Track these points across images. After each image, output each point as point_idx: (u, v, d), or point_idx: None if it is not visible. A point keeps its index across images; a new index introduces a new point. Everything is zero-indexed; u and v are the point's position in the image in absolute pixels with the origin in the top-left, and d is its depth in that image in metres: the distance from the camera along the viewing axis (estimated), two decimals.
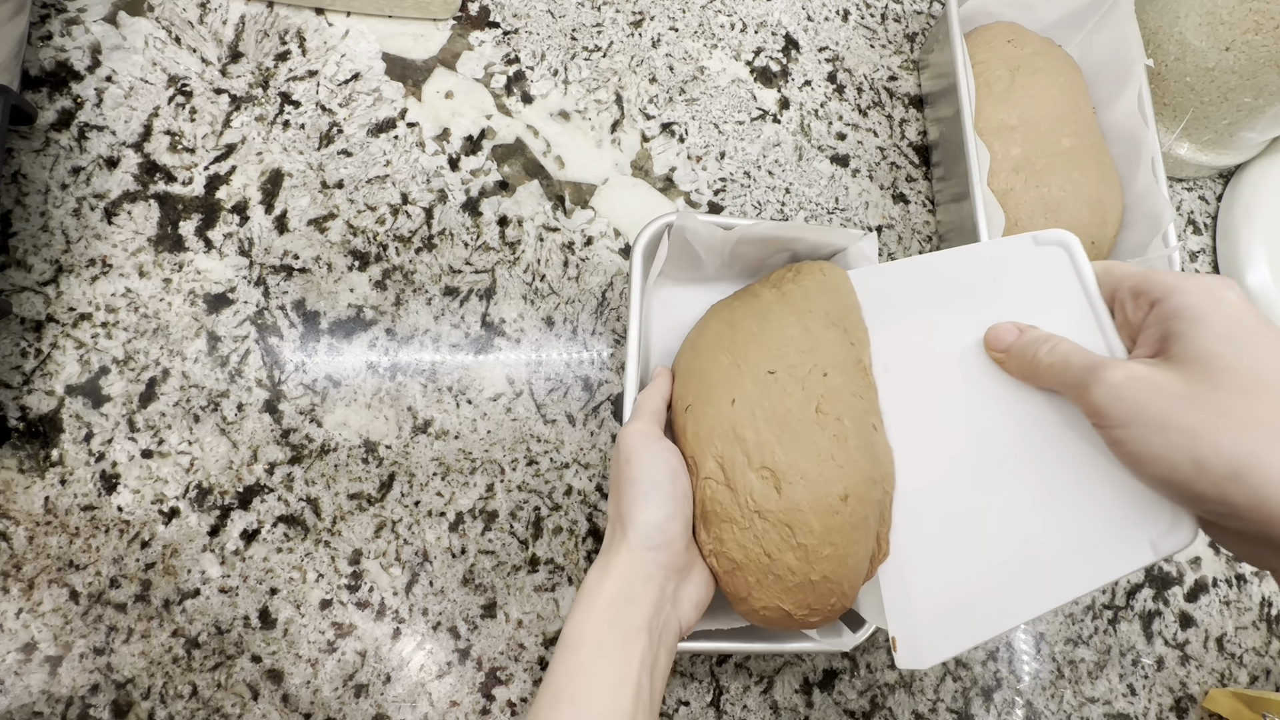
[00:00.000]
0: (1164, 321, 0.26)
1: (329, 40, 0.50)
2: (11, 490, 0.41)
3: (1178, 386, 0.24)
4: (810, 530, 0.34)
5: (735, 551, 0.35)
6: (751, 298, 0.41)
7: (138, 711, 0.40)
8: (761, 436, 0.35)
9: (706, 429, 0.36)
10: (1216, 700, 0.52)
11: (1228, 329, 0.24)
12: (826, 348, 0.37)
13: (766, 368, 0.36)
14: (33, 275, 0.43)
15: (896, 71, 0.60)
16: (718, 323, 0.40)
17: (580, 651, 0.30)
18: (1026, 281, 0.33)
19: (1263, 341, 0.24)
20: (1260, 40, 0.51)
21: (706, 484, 0.35)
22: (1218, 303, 0.25)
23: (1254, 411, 0.23)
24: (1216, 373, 0.24)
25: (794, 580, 0.34)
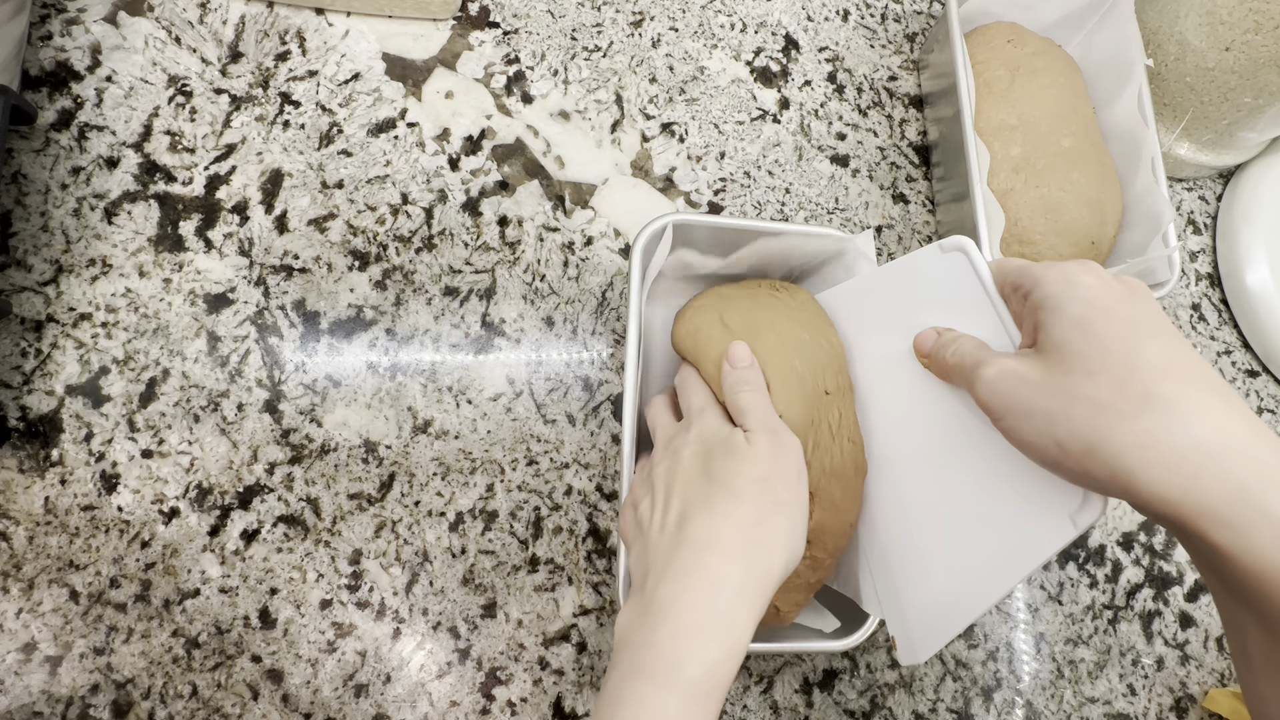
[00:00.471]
0: (1033, 313, 0.27)
1: (329, 40, 0.50)
2: (11, 490, 0.41)
3: (1038, 375, 0.26)
4: (825, 547, 0.36)
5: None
6: (773, 300, 0.40)
7: (138, 711, 0.40)
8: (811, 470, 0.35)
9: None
10: (1216, 700, 0.52)
11: (1079, 314, 0.25)
12: (830, 365, 0.38)
13: (822, 388, 0.37)
14: (33, 275, 0.43)
15: (896, 71, 0.60)
16: (738, 314, 0.39)
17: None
18: (941, 288, 0.35)
19: (1111, 322, 0.25)
20: (1260, 40, 0.51)
21: None
22: (1072, 288, 0.26)
23: (1099, 392, 0.24)
24: (1068, 358, 0.25)
25: (797, 583, 0.37)
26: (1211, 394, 0.23)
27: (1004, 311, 0.32)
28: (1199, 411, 0.23)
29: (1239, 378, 0.61)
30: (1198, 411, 0.23)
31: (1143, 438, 0.23)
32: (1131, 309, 0.25)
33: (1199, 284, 0.62)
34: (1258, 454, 0.22)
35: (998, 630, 0.51)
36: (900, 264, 0.37)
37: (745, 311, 0.38)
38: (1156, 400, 0.23)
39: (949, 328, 0.33)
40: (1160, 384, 0.23)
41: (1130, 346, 0.24)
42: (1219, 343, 0.61)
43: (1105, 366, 0.24)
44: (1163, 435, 0.23)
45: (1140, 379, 0.23)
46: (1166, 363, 0.24)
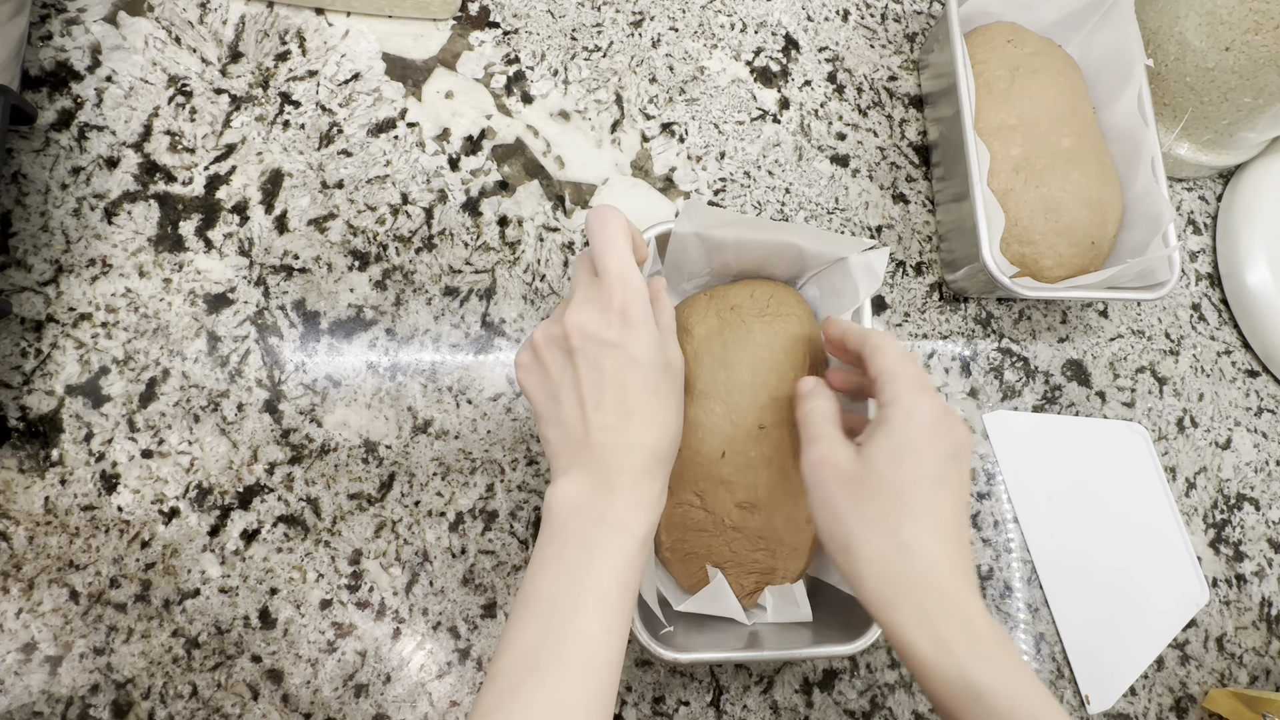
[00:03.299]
0: (879, 408, 0.34)
1: (329, 40, 0.50)
2: (11, 490, 0.41)
3: (843, 477, 0.33)
4: (780, 540, 0.41)
5: (700, 548, 0.42)
6: (745, 332, 0.41)
7: (138, 711, 0.40)
8: (745, 479, 0.40)
9: (692, 471, 0.40)
10: (1216, 700, 0.52)
11: (897, 448, 0.32)
12: None
13: (758, 422, 0.40)
14: (33, 275, 0.43)
15: (896, 71, 0.60)
16: (711, 361, 0.40)
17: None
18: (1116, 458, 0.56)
19: (912, 464, 0.31)
20: (1260, 40, 0.51)
21: (681, 509, 0.41)
22: (909, 421, 0.32)
23: (869, 512, 0.32)
24: (870, 477, 0.32)
25: (757, 567, 0.42)
26: (941, 543, 0.31)
27: (1171, 502, 0.53)
28: (919, 553, 0.30)
29: (1239, 378, 0.61)
30: (921, 553, 0.30)
31: (876, 560, 0.31)
32: (933, 456, 0.32)
33: (1199, 284, 0.62)
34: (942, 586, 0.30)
35: None
36: (1083, 424, 0.55)
37: (710, 330, 0.41)
38: (898, 536, 0.31)
39: (819, 381, 0.38)
40: (907, 526, 0.31)
41: (909, 489, 0.31)
42: (1219, 343, 0.61)
43: (883, 495, 0.31)
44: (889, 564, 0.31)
45: (897, 517, 0.31)
46: (925, 510, 0.31)
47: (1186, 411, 0.59)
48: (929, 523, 0.31)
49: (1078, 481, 0.54)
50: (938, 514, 0.31)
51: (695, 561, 0.42)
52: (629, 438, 0.32)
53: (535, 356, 0.34)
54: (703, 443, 0.40)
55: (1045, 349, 0.57)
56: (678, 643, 0.40)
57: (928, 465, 0.31)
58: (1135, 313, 0.60)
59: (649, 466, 0.33)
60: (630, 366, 0.32)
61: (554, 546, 0.32)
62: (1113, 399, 0.57)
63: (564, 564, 0.31)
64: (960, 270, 0.53)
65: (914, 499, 0.31)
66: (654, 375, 0.33)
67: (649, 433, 0.33)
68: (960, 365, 0.55)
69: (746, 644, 0.41)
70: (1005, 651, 0.30)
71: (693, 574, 0.42)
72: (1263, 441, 0.60)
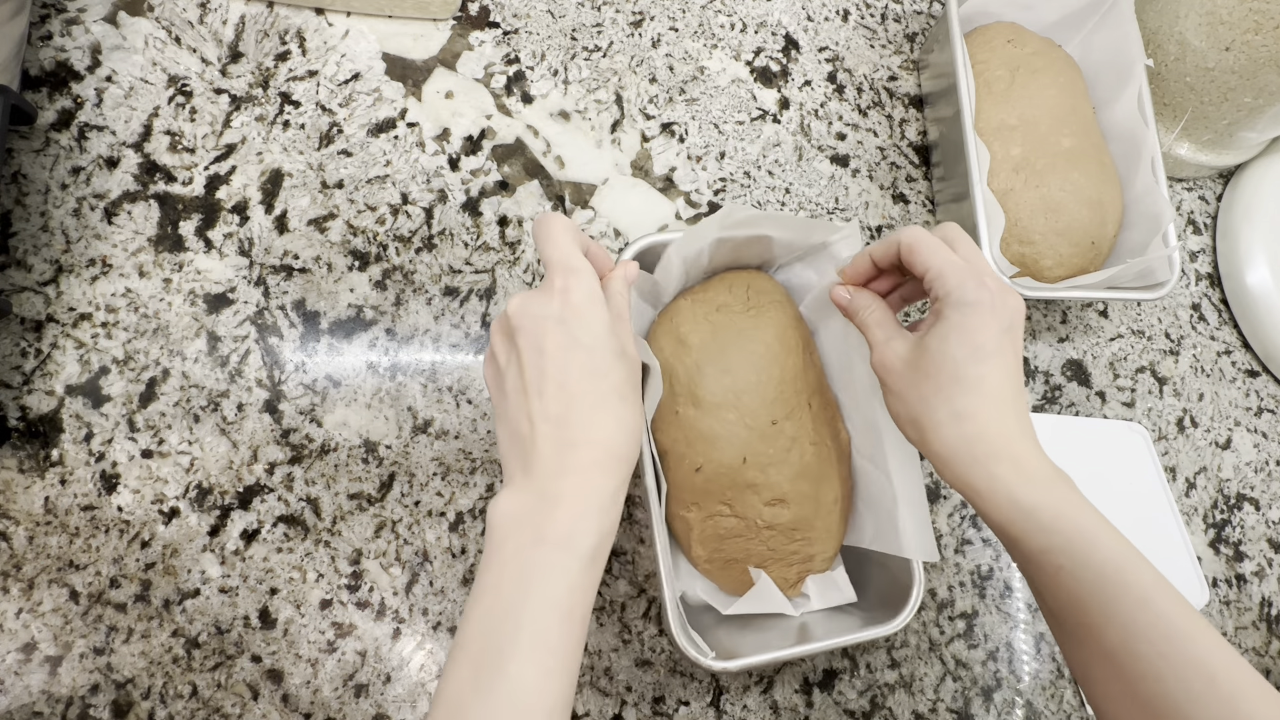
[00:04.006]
0: (937, 304, 0.35)
1: (329, 40, 0.50)
2: (11, 490, 0.41)
3: (905, 364, 0.35)
4: (812, 526, 0.42)
5: (738, 554, 0.42)
6: (736, 332, 0.41)
7: (138, 711, 0.40)
8: (770, 478, 0.40)
9: (717, 483, 0.41)
10: None
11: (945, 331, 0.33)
12: (807, 379, 0.42)
13: (770, 418, 0.40)
14: (33, 275, 0.43)
15: (896, 71, 0.60)
16: (714, 370, 0.41)
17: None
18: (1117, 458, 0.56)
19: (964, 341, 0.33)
20: (1260, 40, 0.51)
21: (713, 520, 0.41)
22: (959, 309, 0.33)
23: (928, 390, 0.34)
24: (926, 358, 0.34)
25: (796, 559, 0.42)
26: (992, 406, 0.33)
27: (1172, 502, 0.54)
28: (973, 418, 0.33)
29: (1239, 378, 0.61)
30: (973, 418, 0.33)
31: (938, 429, 0.34)
32: (986, 333, 0.33)
33: (1199, 284, 0.62)
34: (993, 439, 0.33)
35: (998, 630, 0.51)
36: (1083, 424, 0.55)
37: (705, 338, 0.41)
38: (953, 406, 0.33)
39: (860, 289, 0.39)
40: (959, 398, 0.33)
41: (963, 364, 0.33)
42: (1219, 343, 0.61)
43: (940, 372, 0.33)
44: (947, 430, 0.33)
45: (951, 391, 0.33)
46: (977, 381, 0.33)
47: (1186, 411, 0.59)
48: (980, 391, 0.33)
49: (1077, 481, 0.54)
50: (989, 382, 0.33)
51: (736, 567, 0.42)
52: (573, 432, 0.30)
53: (490, 350, 0.33)
54: (723, 453, 0.40)
55: (1045, 349, 0.57)
56: (727, 648, 0.40)
57: (980, 342, 0.33)
58: (1135, 313, 0.60)
59: (599, 463, 0.30)
60: (574, 347, 0.30)
61: (491, 574, 0.29)
62: (1113, 399, 0.57)
63: (499, 595, 0.28)
64: None
65: (965, 373, 0.33)
66: (603, 359, 0.31)
67: (597, 425, 0.30)
68: None
69: (797, 638, 0.41)
70: (1054, 481, 0.32)
71: (735, 579, 0.43)
72: (1263, 441, 0.60)
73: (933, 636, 0.50)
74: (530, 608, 0.28)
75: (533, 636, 0.27)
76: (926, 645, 0.50)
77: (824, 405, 0.42)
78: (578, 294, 0.31)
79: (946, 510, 0.52)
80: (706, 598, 0.44)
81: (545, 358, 0.30)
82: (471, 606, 0.29)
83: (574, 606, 0.29)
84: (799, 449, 0.41)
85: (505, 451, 0.32)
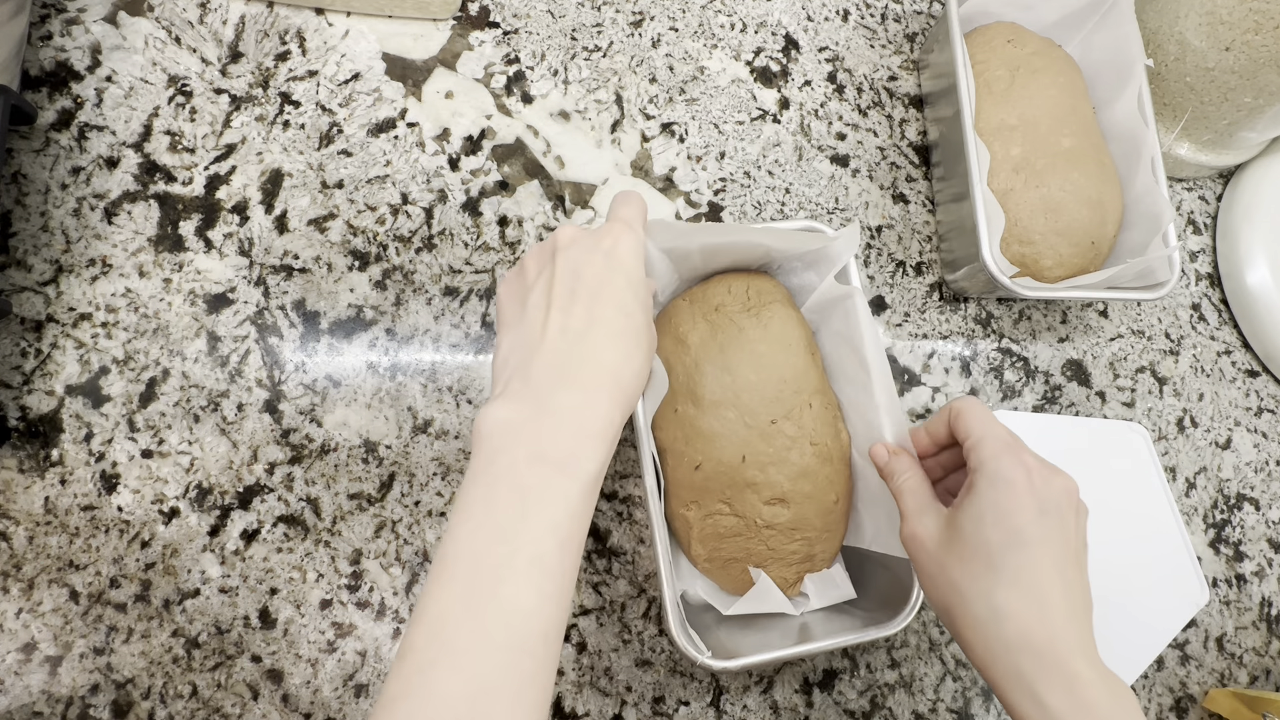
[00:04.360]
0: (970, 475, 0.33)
1: (329, 40, 0.50)
2: (11, 490, 0.41)
3: (935, 545, 0.33)
4: (812, 526, 0.42)
5: (738, 553, 0.42)
6: (736, 331, 0.41)
7: (138, 711, 0.40)
8: (769, 477, 0.40)
9: (717, 481, 0.41)
10: (1216, 700, 0.52)
11: (981, 511, 0.31)
12: (808, 378, 0.42)
13: (769, 418, 0.40)
14: (33, 275, 0.43)
15: (896, 71, 0.60)
16: (713, 369, 0.41)
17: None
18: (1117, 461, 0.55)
19: (999, 527, 0.31)
20: (1260, 40, 0.51)
21: (713, 519, 0.41)
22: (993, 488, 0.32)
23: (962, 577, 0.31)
24: (959, 539, 0.32)
25: (796, 558, 0.42)
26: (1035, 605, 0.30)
27: (1172, 502, 0.53)
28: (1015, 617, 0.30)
29: (1239, 378, 0.61)
30: (1014, 618, 0.30)
31: (976, 626, 0.31)
32: (1023, 516, 0.31)
33: (1199, 284, 0.62)
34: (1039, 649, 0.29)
35: None
36: (1083, 424, 0.55)
37: (704, 336, 0.41)
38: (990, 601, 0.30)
39: (900, 452, 0.38)
40: (998, 591, 0.30)
41: (997, 552, 0.31)
42: (1219, 343, 0.61)
43: (974, 557, 0.31)
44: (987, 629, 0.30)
45: (988, 582, 0.31)
46: (1015, 572, 0.30)
47: (1186, 411, 0.59)
48: (1021, 585, 0.30)
49: (1077, 481, 0.54)
50: (1031, 574, 0.30)
51: (735, 566, 0.42)
52: (587, 348, 0.29)
53: (520, 266, 0.33)
54: (723, 451, 0.40)
55: (1045, 349, 0.57)
56: (728, 648, 0.40)
57: (1016, 526, 0.30)
58: (1135, 313, 0.60)
59: (604, 388, 0.29)
60: (609, 281, 0.30)
61: (480, 487, 0.27)
62: (1113, 399, 0.57)
63: (491, 512, 0.26)
64: (960, 270, 0.53)
65: (1002, 562, 0.30)
66: (632, 301, 0.31)
67: (610, 350, 0.30)
68: (960, 365, 0.55)
69: (798, 637, 0.41)
70: (1116, 710, 0.28)
71: (735, 578, 0.43)
72: (1263, 441, 0.60)
73: (933, 636, 0.50)
74: (528, 530, 0.26)
75: (530, 560, 0.26)
76: (926, 645, 0.50)
77: (825, 405, 0.42)
78: (627, 243, 0.32)
79: None
80: (707, 597, 0.44)
81: (580, 281, 0.30)
82: (459, 522, 0.26)
83: (572, 533, 0.27)
84: (799, 448, 0.41)
85: (503, 360, 0.30)
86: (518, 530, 0.26)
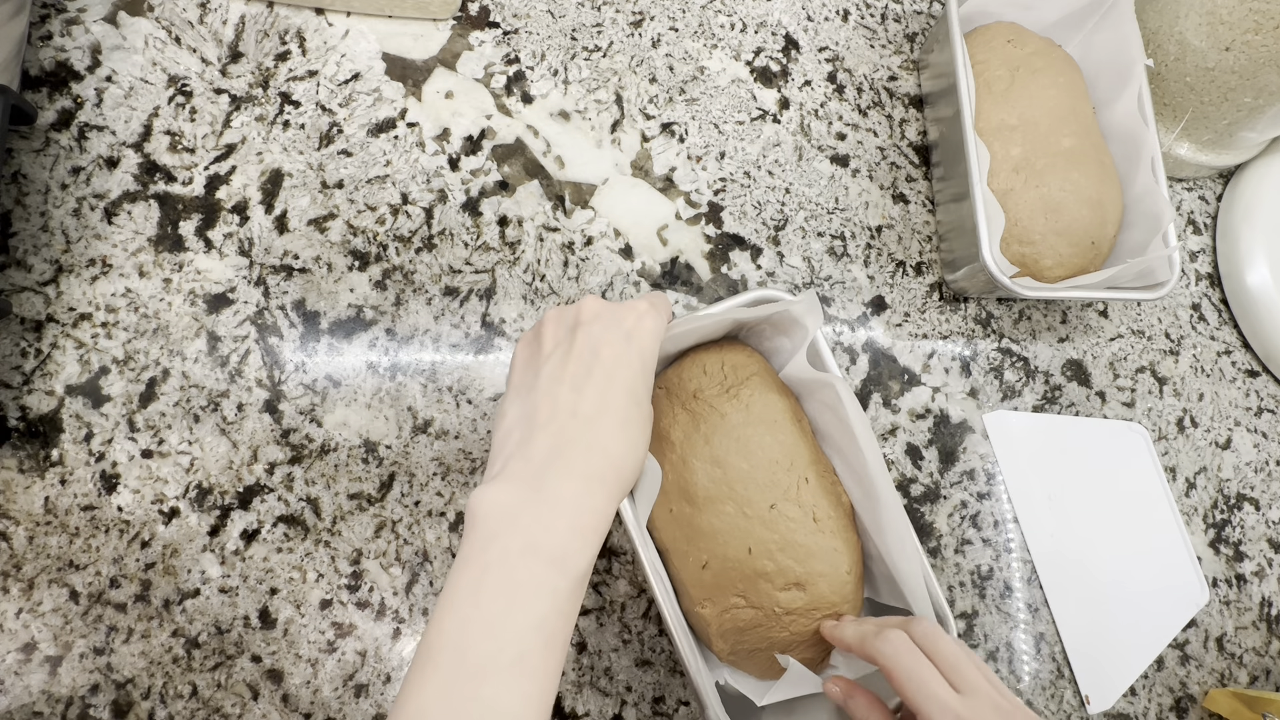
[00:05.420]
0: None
1: (329, 40, 0.50)
2: (11, 490, 0.41)
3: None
4: (830, 603, 0.40)
5: (761, 643, 0.40)
6: (719, 419, 0.40)
7: (138, 711, 0.40)
8: (780, 564, 0.39)
9: (726, 577, 0.39)
10: (1216, 700, 0.52)
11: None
12: (799, 452, 0.40)
13: (768, 503, 0.39)
14: (33, 275, 0.43)
15: (896, 71, 0.60)
16: (702, 464, 0.40)
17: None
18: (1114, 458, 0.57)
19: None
20: (1260, 40, 0.51)
21: (730, 614, 0.40)
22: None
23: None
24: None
25: (820, 638, 0.40)
26: None
27: (1172, 502, 0.54)
28: None
29: (1239, 378, 0.61)
30: None
31: None
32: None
33: (1199, 284, 0.62)
34: None
35: (998, 630, 0.51)
36: (1083, 424, 0.55)
37: (687, 430, 0.40)
38: None
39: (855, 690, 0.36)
40: None
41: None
42: (1219, 343, 0.61)
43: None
44: None
45: None
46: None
47: (1186, 411, 0.59)
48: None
49: (1078, 481, 0.54)
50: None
51: (761, 656, 0.41)
52: (595, 435, 0.29)
53: (537, 330, 0.33)
54: (727, 547, 0.39)
55: (1045, 349, 0.57)
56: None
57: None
58: (1135, 313, 0.60)
59: (604, 479, 0.29)
60: (627, 365, 0.30)
61: (470, 574, 0.27)
62: (1113, 399, 0.57)
63: (479, 603, 0.26)
64: (960, 270, 0.53)
65: None
66: (644, 388, 0.31)
67: (617, 441, 0.30)
68: (960, 365, 0.55)
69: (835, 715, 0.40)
70: None
71: (762, 665, 0.41)
72: (1263, 441, 0.60)
73: None
74: (513, 625, 0.26)
75: (513, 659, 0.25)
76: None
77: (820, 475, 0.41)
78: (649, 324, 0.32)
79: (946, 510, 0.52)
80: (738, 686, 0.42)
81: (598, 360, 0.30)
82: (445, 610, 0.26)
83: (557, 631, 0.27)
84: (804, 528, 0.39)
85: (506, 432, 0.30)
86: (504, 625, 0.26)
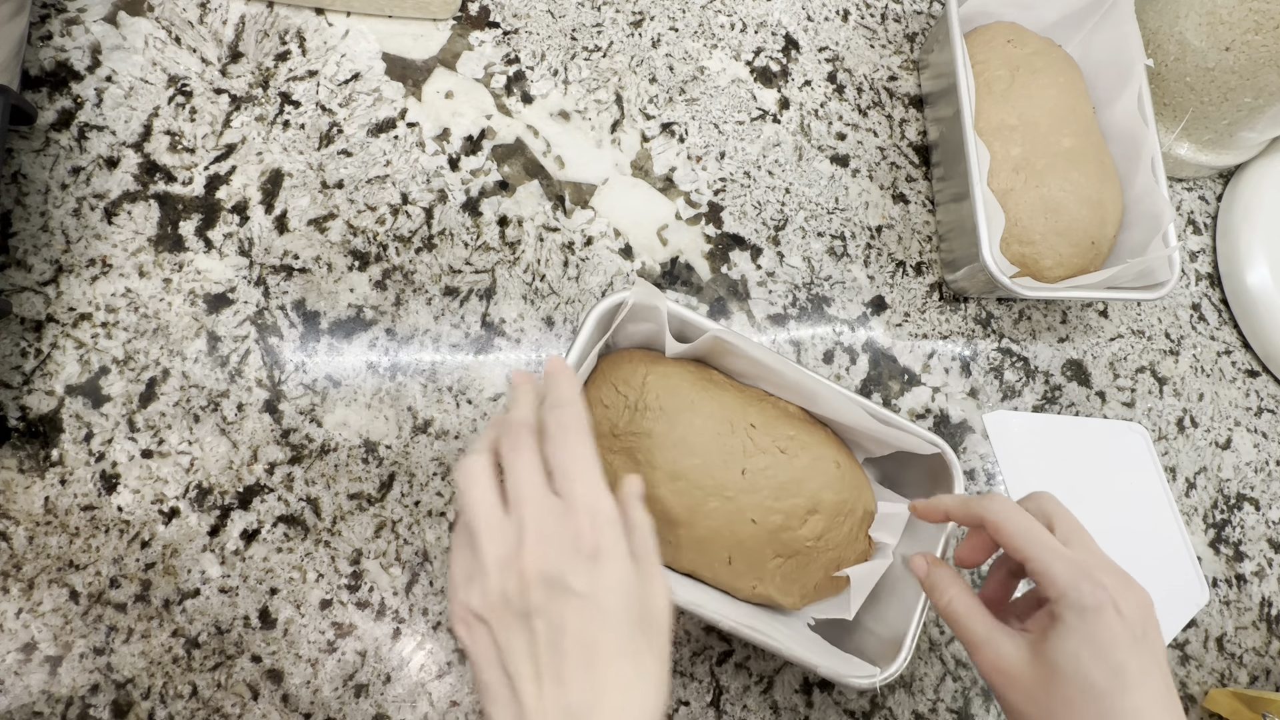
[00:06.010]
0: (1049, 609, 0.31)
1: (329, 40, 0.50)
2: (11, 490, 0.41)
3: (1028, 681, 0.30)
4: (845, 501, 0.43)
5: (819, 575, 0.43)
6: (647, 439, 0.40)
7: (138, 711, 0.40)
8: (785, 508, 0.41)
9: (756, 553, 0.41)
10: (1216, 700, 0.52)
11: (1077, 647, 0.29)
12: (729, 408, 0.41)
13: (738, 471, 0.41)
14: (33, 275, 0.43)
15: (896, 71, 0.60)
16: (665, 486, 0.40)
17: None
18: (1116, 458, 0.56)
19: (1103, 663, 0.28)
20: (1260, 40, 0.51)
21: (781, 571, 0.42)
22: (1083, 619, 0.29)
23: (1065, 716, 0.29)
24: (1056, 679, 0.29)
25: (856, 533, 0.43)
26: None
27: (1172, 502, 0.54)
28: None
29: (1239, 378, 0.61)
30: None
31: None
32: (1128, 652, 0.28)
33: (1199, 284, 0.62)
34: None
35: None
36: (1083, 424, 0.55)
37: (628, 468, 0.40)
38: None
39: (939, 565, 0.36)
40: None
41: (1108, 695, 0.28)
42: (1219, 343, 0.61)
43: (1083, 700, 0.28)
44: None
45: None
46: (1135, 715, 0.28)
47: (1186, 411, 0.59)
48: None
49: (1078, 481, 0.54)
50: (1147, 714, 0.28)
51: (824, 582, 0.43)
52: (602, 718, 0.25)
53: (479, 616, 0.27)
54: (734, 533, 0.40)
55: (1045, 349, 0.57)
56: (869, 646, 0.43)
57: (1118, 661, 0.28)
58: (1135, 313, 0.60)
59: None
60: (602, 624, 0.25)
61: None
62: (1113, 399, 0.57)
63: None
64: (960, 270, 0.53)
65: (1115, 706, 0.28)
66: (629, 633, 0.26)
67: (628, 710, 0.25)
68: (960, 365, 0.55)
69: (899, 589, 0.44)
70: None
71: (831, 587, 0.44)
72: (1263, 441, 0.60)
73: (932, 636, 0.50)
74: None
75: None
76: (926, 645, 0.50)
77: (760, 410, 0.42)
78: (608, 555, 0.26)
79: None
80: (825, 615, 0.45)
81: (567, 638, 0.25)
82: None
83: None
84: (779, 466, 0.41)
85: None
86: None
